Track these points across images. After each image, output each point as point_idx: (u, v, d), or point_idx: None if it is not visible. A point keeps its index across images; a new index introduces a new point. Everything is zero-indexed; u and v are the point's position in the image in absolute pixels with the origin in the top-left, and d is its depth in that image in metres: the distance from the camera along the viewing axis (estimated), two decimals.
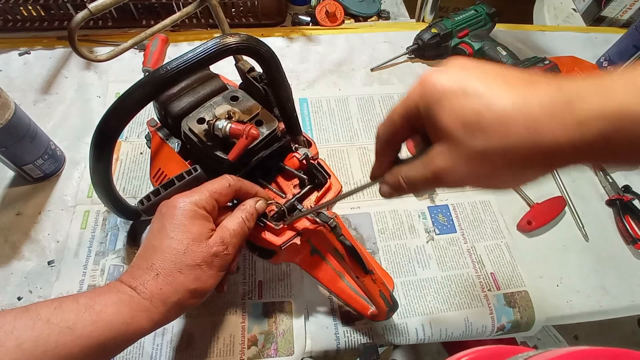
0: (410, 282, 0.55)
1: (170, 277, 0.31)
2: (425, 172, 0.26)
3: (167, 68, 0.31)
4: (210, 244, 0.33)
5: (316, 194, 0.42)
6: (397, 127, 0.28)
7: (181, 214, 0.33)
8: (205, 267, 0.32)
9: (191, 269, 0.32)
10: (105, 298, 0.30)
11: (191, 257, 0.32)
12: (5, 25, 0.76)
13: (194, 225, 0.33)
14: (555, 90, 0.22)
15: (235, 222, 0.35)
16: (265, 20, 0.86)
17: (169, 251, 0.32)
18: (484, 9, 0.81)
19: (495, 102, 0.22)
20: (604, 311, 0.56)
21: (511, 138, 0.22)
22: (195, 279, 0.32)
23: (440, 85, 0.24)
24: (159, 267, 0.31)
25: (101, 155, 0.35)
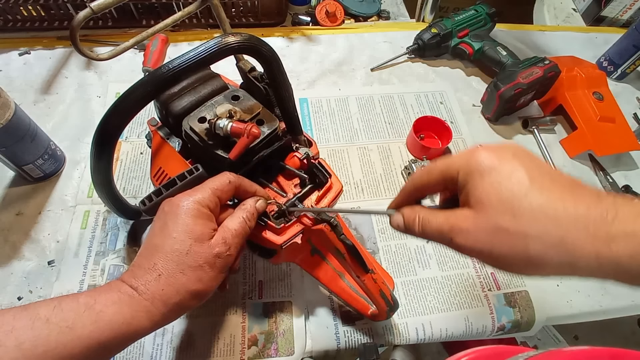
0: (410, 282, 0.55)
1: (172, 278, 0.31)
2: (444, 223, 0.28)
3: (168, 67, 0.31)
4: (212, 245, 0.33)
5: (317, 193, 0.42)
6: (432, 180, 0.30)
7: (184, 213, 0.33)
8: (207, 268, 0.32)
9: (193, 270, 0.32)
10: (106, 297, 0.30)
11: (193, 258, 0.32)
12: (5, 25, 0.76)
13: (197, 225, 0.33)
14: (594, 201, 0.23)
15: (236, 222, 0.35)
16: (265, 20, 0.86)
17: (171, 251, 0.32)
18: (484, 9, 0.81)
19: (535, 193, 0.24)
20: (604, 311, 0.56)
21: (537, 230, 0.23)
22: (197, 280, 0.32)
23: (489, 161, 0.26)
24: (161, 268, 0.31)
25: (102, 154, 0.35)
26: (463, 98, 0.78)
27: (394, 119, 0.73)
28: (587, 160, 0.71)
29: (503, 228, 0.24)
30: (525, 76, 0.68)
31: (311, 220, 0.39)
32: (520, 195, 0.24)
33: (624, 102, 0.78)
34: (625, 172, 0.71)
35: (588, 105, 0.71)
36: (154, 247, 0.32)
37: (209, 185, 0.35)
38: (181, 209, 0.33)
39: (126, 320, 0.30)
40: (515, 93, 0.67)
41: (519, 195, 0.24)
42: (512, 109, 0.74)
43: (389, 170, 0.66)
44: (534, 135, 0.73)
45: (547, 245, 0.23)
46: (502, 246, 0.25)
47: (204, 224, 0.33)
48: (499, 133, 0.73)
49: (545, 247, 0.23)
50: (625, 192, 0.66)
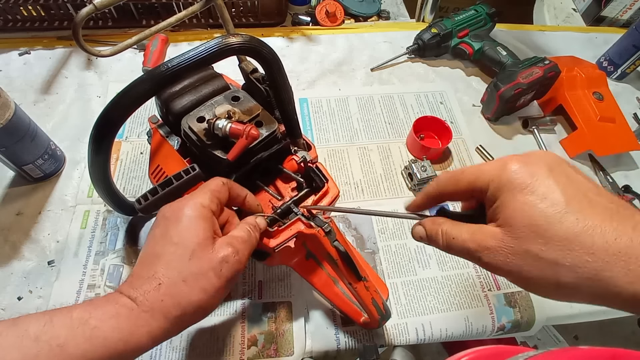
0: (410, 282, 0.55)
1: (174, 287, 0.29)
2: (470, 240, 0.26)
3: (168, 66, 0.31)
4: (217, 249, 0.31)
5: (313, 197, 0.42)
6: (459, 189, 0.28)
7: (186, 217, 0.31)
8: (212, 277, 0.30)
9: (197, 278, 0.29)
10: (102, 311, 0.27)
11: (197, 264, 0.29)
12: (5, 25, 0.76)
13: (199, 229, 0.31)
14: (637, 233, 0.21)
15: (242, 231, 0.34)
16: (265, 20, 0.86)
17: (173, 258, 0.29)
18: (484, 9, 0.81)
19: (571, 219, 0.22)
20: (604, 311, 0.56)
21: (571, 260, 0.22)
22: (201, 290, 0.29)
23: (522, 177, 0.24)
24: (161, 276, 0.29)
25: (99, 150, 0.35)
26: (463, 98, 0.78)
27: (394, 119, 0.73)
28: (587, 160, 0.71)
29: (533, 253, 0.23)
30: (525, 76, 0.68)
31: (305, 224, 0.39)
32: (554, 221, 0.22)
33: (624, 102, 0.78)
34: (625, 172, 0.71)
35: (588, 105, 0.71)
36: (155, 255, 0.30)
37: (207, 188, 0.34)
38: (183, 213, 0.31)
39: (124, 336, 0.27)
40: (515, 93, 0.67)
41: (553, 221, 0.22)
42: (512, 109, 0.74)
43: (389, 170, 0.66)
44: (534, 135, 0.73)
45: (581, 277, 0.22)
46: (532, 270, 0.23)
47: (206, 228, 0.31)
48: (499, 133, 0.73)
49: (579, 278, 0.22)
50: (625, 192, 0.66)
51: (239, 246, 0.32)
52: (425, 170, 0.61)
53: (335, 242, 0.39)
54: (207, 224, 0.31)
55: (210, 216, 0.32)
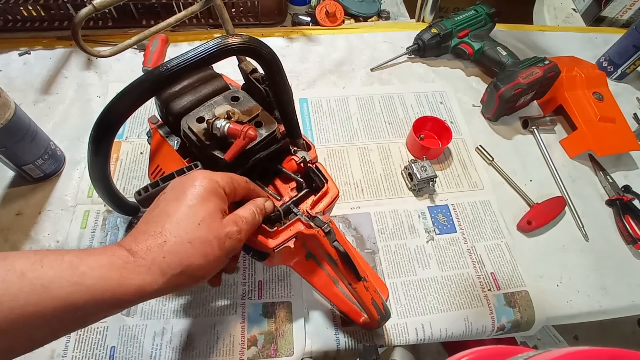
0: (410, 282, 0.55)
1: (179, 246, 0.29)
2: None
3: (167, 66, 0.31)
4: (224, 223, 0.32)
5: (313, 197, 0.42)
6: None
7: (202, 188, 0.32)
8: (215, 245, 0.31)
9: (202, 242, 0.30)
10: (94, 259, 0.27)
11: (205, 231, 0.30)
12: (5, 25, 0.76)
13: (211, 202, 0.32)
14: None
15: (247, 211, 0.35)
16: (265, 20, 0.86)
17: (184, 219, 0.30)
18: (484, 9, 0.81)
19: None
20: (603, 311, 0.56)
21: None
22: (203, 254, 0.30)
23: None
24: (168, 234, 0.29)
25: (99, 150, 0.35)
26: (463, 98, 0.78)
27: (394, 119, 0.73)
28: (587, 160, 0.71)
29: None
30: (525, 76, 0.68)
31: (305, 224, 0.39)
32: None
33: (624, 102, 0.78)
34: (625, 172, 0.71)
35: (588, 105, 0.71)
36: (166, 213, 0.31)
37: (230, 175, 0.35)
38: (199, 183, 0.32)
39: (111, 287, 0.27)
40: (515, 93, 0.67)
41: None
42: (512, 109, 0.74)
43: (389, 170, 0.66)
44: (533, 136, 0.73)
45: None
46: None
47: (219, 202, 0.32)
48: (499, 133, 0.73)
49: None
50: (625, 192, 0.67)
51: (242, 226, 0.33)
52: (425, 170, 0.61)
53: (334, 242, 0.39)
54: (220, 200, 0.33)
55: (223, 195, 0.33)
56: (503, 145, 0.72)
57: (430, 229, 0.60)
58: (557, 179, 0.67)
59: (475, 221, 0.62)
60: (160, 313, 0.50)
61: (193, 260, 0.30)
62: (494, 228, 0.61)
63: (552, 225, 0.62)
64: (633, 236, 0.61)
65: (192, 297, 0.51)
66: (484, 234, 0.60)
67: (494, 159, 0.68)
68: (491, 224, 0.62)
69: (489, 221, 0.62)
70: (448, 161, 0.68)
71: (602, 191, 0.68)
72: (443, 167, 0.67)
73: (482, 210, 0.63)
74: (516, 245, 0.60)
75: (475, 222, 0.61)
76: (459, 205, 0.63)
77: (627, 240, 0.62)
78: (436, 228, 0.60)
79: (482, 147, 0.69)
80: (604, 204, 0.66)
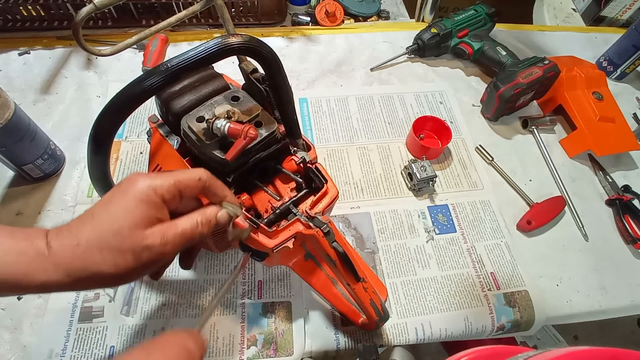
0: (410, 282, 0.55)
1: (88, 253, 0.29)
2: None
3: (167, 66, 0.31)
4: (146, 235, 0.30)
5: (312, 198, 0.42)
6: None
7: (132, 193, 0.30)
8: (129, 257, 0.29)
9: (113, 253, 0.29)
10: (12, 244, 0.28)
11: (119, 241, 0.29)
12: (5, 25, 0.76)
13: (138, 209, 0.30)
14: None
15: (188, 222, 0.32)
16: (265, 20, 0.86)
17: (101, 225, 0.29)
18: (484, 8, 0.81)
19: None
20: (603, 311, 0.56)
21: None
22: (113, 265, 0.29)
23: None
24: (83, 238, 0.29)
25: (99, 149, 0.35)
26: (463, 98, 0.78)
27: (394, 118, 0.73)
28: (586, 160, 0.71)
29: None
30: (524, 76, 0.68)
31: (304, 225, 0.39)
32: None
33: (624, 102, 0.78)
34: (625, 172, 0.71)
35: (588, 105, 0.71)
36: (91, 214, 0.30)
37: (175, 176, 0.32)
38: (132, 188, 0.30)
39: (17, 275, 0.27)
40: (515, 93, 0.67)
41: None
42: (512, 109, 0.74)
43: (389, 170, 0.66)
44: (533, 135, 0.73)
45: None
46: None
47: (147, 211, 0.30)
48: (499, 133, 0.73)
49: None
50: (624, 192, 0.67)
51: (171, 238, 0.31)
52: (425, 170, 0.61)
53: (334, 242, 0.39)
54: (150, 209, 0.31)
55: (157, 201, 0.31)
56: (503, 145, 0.72)
57: (430, 228, 0.60)
58: (557, 179, 0.67)
59: (475, 221, 0.62)
60: (160, 313, 0.50)
61: (101, 268, 0.29)
62: (494, 228, 0.61)
63: (551, 225, 0.62)
64: (633, 236, 0.61)
65: (192, 297, 0.51)
66: (483, 233, 0.60)
67: (494, 158, 0.68)
68: (491, 224, 0.62)
69: (488, 221, 0.62)
70: (448, 161, 0.68)
71: (601, 191, 0.68)
72: (443, 167, 0.67)
73: (481, 210, 0.63)
74: (516, 245, 0.60)
75: (475, 222, 0.61)
76: (459, 205, 0.63)
77: (626, 240, 0.62)
78: (436, 228, 0.60)
79: (481, 147, 0.69)
80: (604, 203, 0.66)
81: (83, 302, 0.50)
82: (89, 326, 0.48)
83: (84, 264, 0.29)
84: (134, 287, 0.51)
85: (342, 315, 0.51)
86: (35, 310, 0.49)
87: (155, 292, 0.51)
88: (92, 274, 0.29)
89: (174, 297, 0.51)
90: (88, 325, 0.48)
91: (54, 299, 0.50)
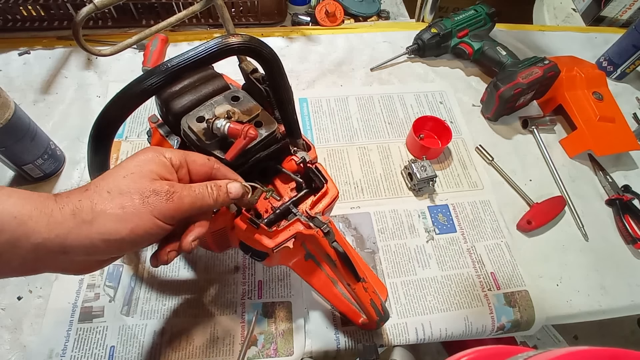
0: (410, 282, 0.55)
1: (95, 193, 0.28)
2: None
3: (167, 65, 0.31)
4: (155, 182, 0.30)
5: (312, 198, 0.42)
6: None
7: (144, 155, 0.31)
8: (136, 199, 0.28)
9: (121, 193, 0.28)
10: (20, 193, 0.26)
11: (127, 183, 0.29)
12: (5, 25, 0.76)
13: (147, 165, 0.30)
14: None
15: (199, 185, 0.32)
16: (265, 20, 0.86)
17: (111, 174, 0.29)
18: (484, 8, 0.81)
19: None
20: (603, 311, 0.56)
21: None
22: (120, 205, 0.28)
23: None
24: (92, 185, 0.29)
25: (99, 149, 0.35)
26: (463, 98, 0.78)
27: (394, 118, 0.73)
28: (586, 160, 0.71)
29: None
30: (524, 76, 0.68)
31: (304, 225, 0.39)
32: None
33: (624, 102, 0.78)
34: (625, 172, 0.71)
35: (588, 105, 0.71)
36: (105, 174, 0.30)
37: (185, 153, 0.33)
38: (143, 152, 0.31)
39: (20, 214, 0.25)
40: (515, 93, 0.67)
41: None
42: (512, 109, 0.74)
43: (389, 170, 0.66)
44: (533, 135, 0.73)
45: None
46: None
47: (156, 168, 0.31)
48: (499, 133, 0.73)
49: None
50: (624, 192, 0.67)
51: (180, 190, 0.30)
52: (425, 170, 0.61)
53: (334, 242, 0.39)
54: (158, 166, 0.31)
55: (167, 164, 0.31)
56: (503, 145, 0.72)
57: (430, 228, 0.60)
58: (557, 179, 0.67)
59: (475, 221, 0.62)
60: (160, 313, 0.50)
61: (107, 207, 0.27)
62: (494, 228, 0.61)
63: (551, 225, 0.62)
64: (633, 236, 0.61)
65: (192, 297, 0.51)
66: (483, 233, 0.60)
67: (494, 158, 0.68)
68: (491, 224, 0.62)
69: (488, 221, 0.62)
70: (448, 161, 0.68)
71: (601, 191, 0.68)
72: (443, 167, 0.67)
73: (482, 210, 0.63)
74: (516, 245, 0.60)
75: (475, 222, 0.61)
76: (459, 205, 0.63)
77: (626, 240, 0.62)
78: (436, 228, 0.60)
79: (481, 147, 0.69)
80: (604, 203, 0.66)
81: (83, 302, 0.50)
82: (89, 326, 0.48)
83: (90, 203, 0.27)
84: (134, 287, 0.51)
85: (342, 315, 0.51)
86: (35, 310, 0.49)
87: (155, 292, 0.51)
88: (97, 214, 0.27)
89: (174, 297, 0.51)
90: (88, 325, 0.48)
91: (54, 298, 0.50)
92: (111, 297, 0.50)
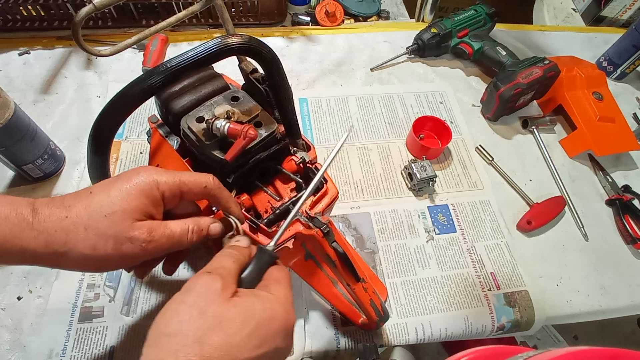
0: (410, 282, 0.55)
1: (73, 228, 0.28)
2: None
3: (167, 66, 0.31)
4: (134, 226, 0.29)
5: (312, 198, 0.41)
6: None
7: (136, 183, 0.30)
8: (110, 244, 0.29)
9: (97, 234, 0.28)
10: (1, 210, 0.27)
11: (106, 225, 0.28)
12: (5, 25, 0.76)
13: (136, 200, 0.29)
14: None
15: (179, 226, 0.32)
16: (265, 20, 0.86)
17: (95, 204, 0.29)
18: (484, 8, 0.81)
19: None
20: (603, 311, 0.56)
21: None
22: (92, 246, 0.28)
23: None
24: (73, 212, 0.28)
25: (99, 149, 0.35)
26: (463, 98, 0.78)
27: (394, 118, 0.73)
28: (586, 160, 0.71)
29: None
30: (524, 76, 0.68)
31: (304, 225, 0.39)
32: None
33: (624, 102, 0.78)
34: (625, 172, 0.71)
35: (588, 105, 0.71)
36: (89, 192, 0.30)
37: (182, 177, 0.32)
38: (137, 178, 0.30)
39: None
40: (515, 93, 0.67)
41: None
42: (512, 109, 0.74)
43: (389, 170, 0.66)
44: (533, 135, 0.73)
45: None
46: None
47: (144, 204, 0.30)
48: (499, 133, 0.73)
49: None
50: (624, 192, 0.67)
51: (158, 237, 0.30)
52: (425, 170, 0.61)
53: (333, 243, 0.39)
54: (148, 200, 0.30)
55: (157, 198, 0.31)
56: (503, 145, 0.72)
57: (430, 228, 0.60)
58: (557, 179, 0.67)
59: (475, 221, 0.62)
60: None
61: (80, 248, 0.28)
62: (494, 228, 0.61)
63: (551, 225, 0.62)
64: (633, 236, 0.61)
65: None
66: (483, 233, 0.60)
67: (494, 158, 0.68)
68: (491, 224, 0.62)
69: (488, 221, 0.62)
70: (448, 161, 0.68)
71: (601, 191, 0.68)
72: (443, 167, 0.67)
73: (481, 210, 0.63)
74: (516, 245, 0.60)
75: (475, 222, 0.61)
76: (459, 205, 0.63)
77: (626, 240, 0.62)
78: (436, 228, 0.60)
79: (481, 147, 0.69)
80: (604, 203, 0.66)
81: (83, 302, 0.50)
82: (89, 326, 0.48)
83: (65, 237, 0.28)
84: (134, 287, 0.51)
85: (342, 315, 0.51)
86: (35, 310, 0.49)
87: (155, 292, 0.51)
88: (69, 249, 0.28)
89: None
90: (88, 325, 0.48)
91: (54, 298, 0.50)
92: (111, 297, 0.50)
